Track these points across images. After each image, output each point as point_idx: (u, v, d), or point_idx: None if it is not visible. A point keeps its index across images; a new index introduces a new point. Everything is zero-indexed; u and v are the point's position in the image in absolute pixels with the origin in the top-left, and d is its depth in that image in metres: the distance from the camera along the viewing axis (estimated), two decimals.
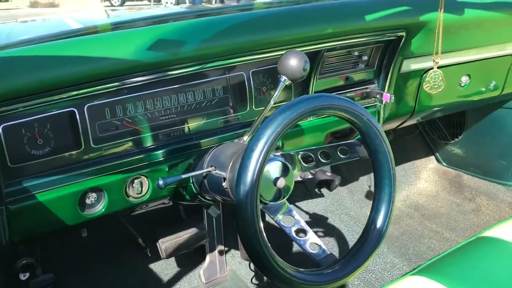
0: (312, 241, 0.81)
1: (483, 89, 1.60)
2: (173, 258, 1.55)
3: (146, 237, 1.48)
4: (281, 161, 0.81)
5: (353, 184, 1.98)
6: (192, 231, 1.34)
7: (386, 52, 1.28)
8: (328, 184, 1.09)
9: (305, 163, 0.86)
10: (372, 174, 0.92)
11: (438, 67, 1.38)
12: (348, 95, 1.27)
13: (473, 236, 1.18)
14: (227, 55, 0.97)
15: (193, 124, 1.07)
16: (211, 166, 0.87)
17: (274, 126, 0.72)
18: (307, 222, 0.84)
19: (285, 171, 0.81)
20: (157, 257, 1.48)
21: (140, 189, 1.00)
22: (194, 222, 1.37)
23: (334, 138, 1.36)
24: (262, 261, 0.74)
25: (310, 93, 1.21)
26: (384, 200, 0.86)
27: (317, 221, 1.73)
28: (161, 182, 0.82)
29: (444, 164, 2.10)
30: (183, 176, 0.85)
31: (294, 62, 0.88)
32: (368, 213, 0.91)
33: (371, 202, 0.92)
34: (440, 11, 1.09)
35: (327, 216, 1.74)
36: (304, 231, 0.82)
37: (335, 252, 1.60)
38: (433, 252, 1.64)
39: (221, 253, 1.53)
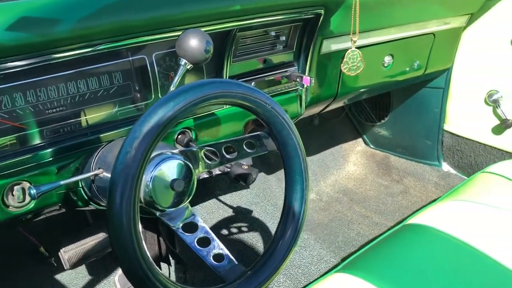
0: (217, 251, 0.70)
1: (407, 68, 1.56)
2: (83, 266, 1.39)
3: (50, 244, 1.31)
4: (179, 160, 0.69)
5: (281, 172, 1.90)
6: (100, 237, 1.19)
7: (304, 32, 1.19)
8: (245, 178, 0.99)
9: (209, 160, 0.74)
10: None
11: (360, 47, 1.31)
12: (267, 78, 1.17)
13: (399, 223, 1.13)
14: (117, 36, 0.83)
15: (87, 117, 0.92)
16: (98, 168, 0.74)
17: (150, 124, 0.60)
18: (228, 219, 0.73)
19: (185, 171, 0.69)
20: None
21: (21, 197, 0.85)
22: (102, 226, 1.22)
23: (256, 126, 1.26)
24: (137, 276, 0.61)
25: (224, 77, 1.10)
26: (296, 198, 0.77)
27: (240, 217, 1.64)
28: (33, 191, 0.68)
29: (372, 146, 2.08)
30: (62, 182, 0.71)
31: (194, 43, 0.77)
32: None
33: None
34: None
35: (251, 209, 1.66)
36: (208, 240, 0.71)
37: (255, 252, 1.51)
38: (362, 239, 1.60)
39: None
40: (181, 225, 0.71)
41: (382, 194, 1.84)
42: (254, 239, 1.54)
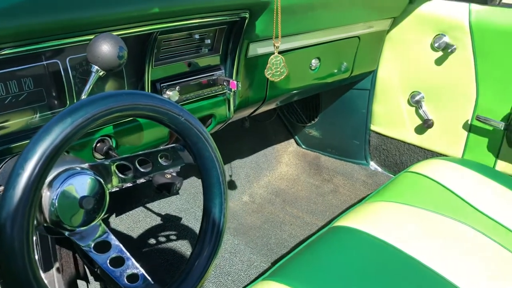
0: (131, 271, 0.67)
1: (334, 71, 1.59)
2: None
3: None
4: (89, 175, 0.65)
5: None
6: None
7: (230, 35, 1.17)
8: (168, 188, 0.95)
9: (123, 174, 0.70)
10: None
11: (286, 51, 1.32)
12: (193, 82, 1.14)
13: (328, 224, 1.14)
14: (22, 40, 0.76)
15: None
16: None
17: (46, 143, 0.55)
18: (156, 228, 0.69)
19: (95, 187, 0.65)
20: None
21: None
22: None
23: None
24: None
25: (146, 82, 1.06)
26: (214, 212, 0.74)
27: (168, 225, 1.59)
28: None
29: (303, 146, 2.10)
30: None
31: (106, 49, 0.72)
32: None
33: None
34: None
35: (180, 216, 1.62)
36: (121, 260, 0.67)
37: (183, 263, 1.47)
38: (294, 240, 1.62)
39: (58, 270, 1.31)
40: (92, 244, 0.66)
41: (313, 194, 1.87)
42: (183, 248, 1.50)
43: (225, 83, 1.18)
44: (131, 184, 1.02)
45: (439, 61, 1.61)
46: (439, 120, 1.67)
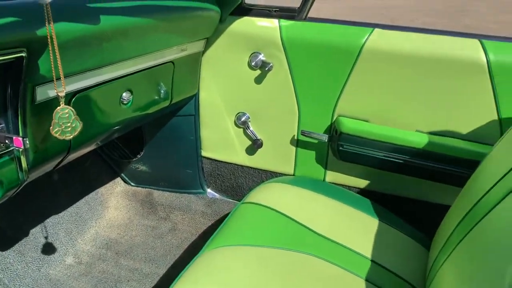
0: None
1: (151, 101, 1.42)
2: None
3: None
4: None
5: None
6: None
7: (7, 79, 0.92)
8: None
9: None
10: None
11: (88, 88, 1.10)
12: None
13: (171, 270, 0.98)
14: None
15: None
16: None
17: None
18: None
19: None
20: None
21: None
22: None
23: None
24: None
25: None
26: None
27: None
28: None
29: (133, 184, 1.89)
30: None
31: None
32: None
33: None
34: (49, 24, 0.79)
35: None
36: None
37: None
38: None
39: None
40: None
41: (150, 238, 1.68)
42: None
43: (7, 141, 0.93)
44: None
45: (258, 80, 1.56)
46: (268, 139, 1.63)
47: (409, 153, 1.41)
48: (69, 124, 0.86)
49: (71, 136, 0.88)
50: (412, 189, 1.49)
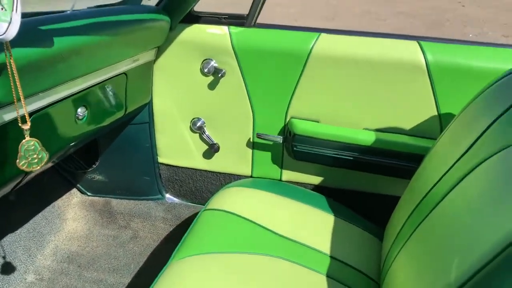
0: None
1: (106, 114, 1.42)
2: None
3: None
4: None
5: None
6: None
7: None
8: None
9: None
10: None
11: (45, 107, 1.10)
12: None
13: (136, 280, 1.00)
14: None
15: None
16: None
17: None
18: None
19: None
20: None
21: None
22: None
23: None
24: None
25: None
26: None
27: None
28: None
29: (89, 193, 1.87)
30: None
31: None
32: None
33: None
34: (9, 57, 0.79)
35: None
36: None
37: None
38: None
39: None
40: None
41: (112, 248, 1.68)
42: None
43: None
44: None
45: (212, 86, 1.59)
46: (224, 142, 1.66)
47: (358, 150, 1.49)
48: (35, 156, 0.86)
49: (38, 167, 0.88)
50: (363, 183, 1.58)
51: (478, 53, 1.39)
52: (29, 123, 0.84)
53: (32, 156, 0.86)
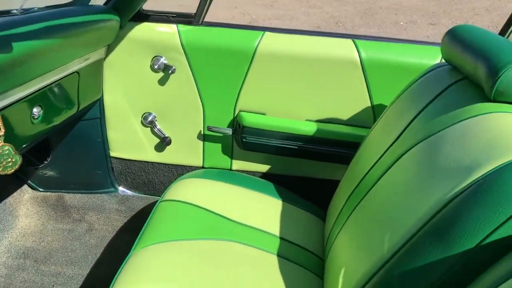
0: None
1: (61, 112, 1.45)
2: None
3: None
4: None
5: None
6: None
7: None
8: None
9: None
10: None
11: (1, 110, 1.13)
12: None
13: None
14: None
15: None
16: None
17: None
18: None
19: None
20: None
21: None
22: None
23: None
24: None
25: None
26: None
27: None
28: None
29: (41, 189, 1.88)
30: None
31: None
32: None
33: None
34: None
35: None
36: None
37: None
38: None
39: None
40: None
41: (68, 241, 1.72)
42: None
43: None
44: None
45: (162, 82, 1.66)
46: (176, 135, 1.74)
47: (301, 139, 1.62)
48: (9, 160, 0.91)
49: (13, 170, 0.93)
50: (307, 169, 1.72)
51: (406, 50, 1.55)
52: (3, 129, 0.88)
53: (7, 160, 0.91)
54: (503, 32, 1.51)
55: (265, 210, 1.42)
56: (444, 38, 1.23)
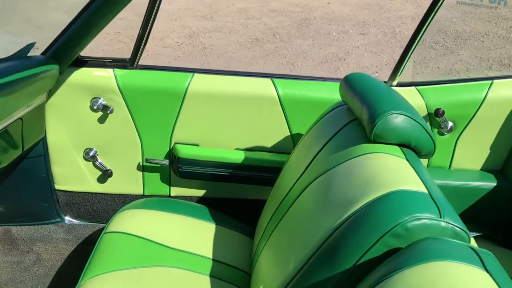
0: None
1: (6, 155, 1.58)
2: None
3: None
4: None
5: None
6: None
7: None
8: None
9: None
10: None
11: None
12: None
13: None
14: None
15: None
16: None
17: None
18: None
19: None
20: None
21: None
22: None
23: None
24: None
25: None
26: None
27: None
28: None
29: None
30: None
31: None
32: None
33: None
34: None
35: None
36: None
37: None
38: None
39: None
40: None
41: (16, 273, 1.82)
42: None
43: None
44: None
45: (102, 120, 1.81)
46: (117, 168, 1.89)
47: (231, 166, 1.82)
48: None
49: None
50: (238, 192, 1.93)
51: (318, 87, 1.79)
52: None
53: None
54: (393, 75, 1.79)
55: (199, 235, 1.61)
56: (341, 83, 1.47)
